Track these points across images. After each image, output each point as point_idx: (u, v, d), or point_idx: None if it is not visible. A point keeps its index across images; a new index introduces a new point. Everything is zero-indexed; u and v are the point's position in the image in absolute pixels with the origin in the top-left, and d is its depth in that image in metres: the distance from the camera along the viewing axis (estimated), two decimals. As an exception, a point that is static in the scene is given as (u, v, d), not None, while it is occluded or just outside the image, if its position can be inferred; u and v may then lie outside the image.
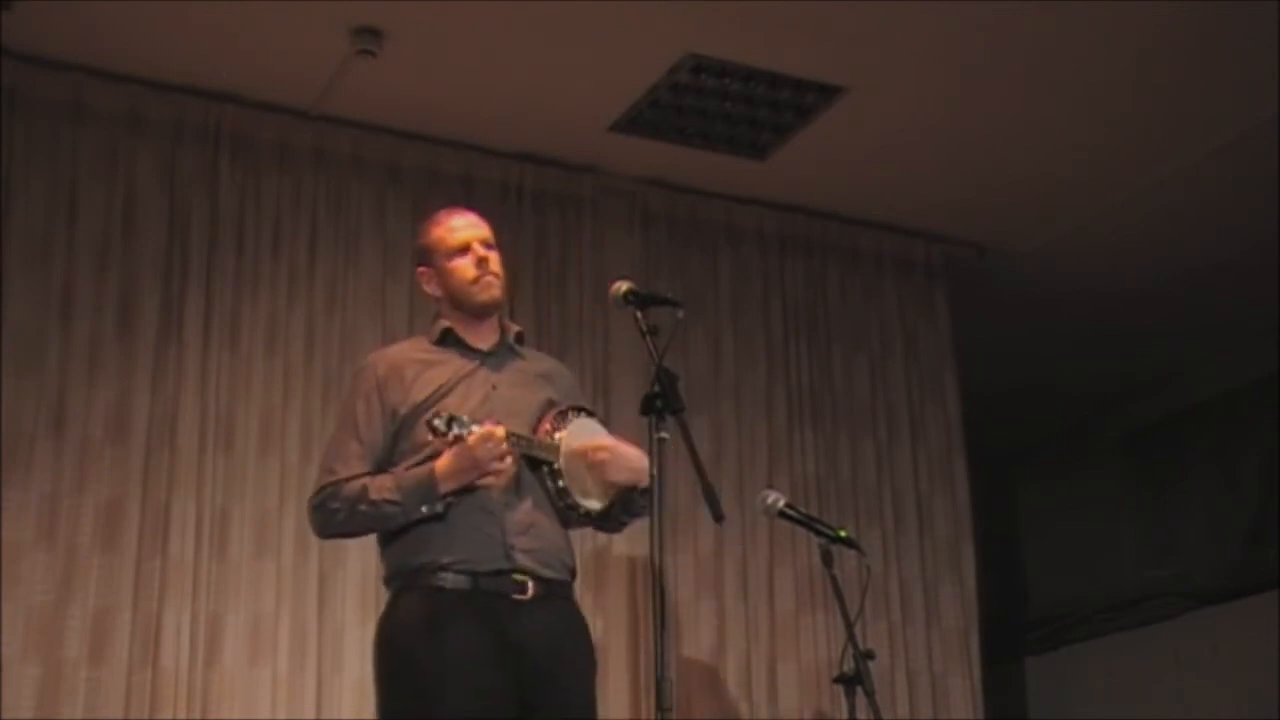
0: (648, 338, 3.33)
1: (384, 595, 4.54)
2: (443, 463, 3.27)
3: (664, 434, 3.22)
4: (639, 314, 3.38)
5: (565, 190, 5.25)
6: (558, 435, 3.42)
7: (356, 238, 4.93)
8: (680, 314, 3.40)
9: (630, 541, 4.47)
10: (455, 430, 3.20)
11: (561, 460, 3.39)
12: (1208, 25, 4.50)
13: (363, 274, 4.91)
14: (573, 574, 3.46)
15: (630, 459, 3.35)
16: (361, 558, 4.61)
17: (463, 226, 3.55)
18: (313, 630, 4.51)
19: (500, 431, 3.24)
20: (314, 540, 4.55)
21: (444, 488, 3.27)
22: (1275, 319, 6.13)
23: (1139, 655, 6.81)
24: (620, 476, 3.37)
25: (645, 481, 3.31)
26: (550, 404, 3.49)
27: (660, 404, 3.23)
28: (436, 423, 3.20)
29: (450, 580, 3.28)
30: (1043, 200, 5.55)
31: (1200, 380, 6.81)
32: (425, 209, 5.00)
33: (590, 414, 3.51)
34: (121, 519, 4.39)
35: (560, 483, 3.39)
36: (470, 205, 5.02)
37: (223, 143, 4.78)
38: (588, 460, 3.38)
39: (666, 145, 5.16)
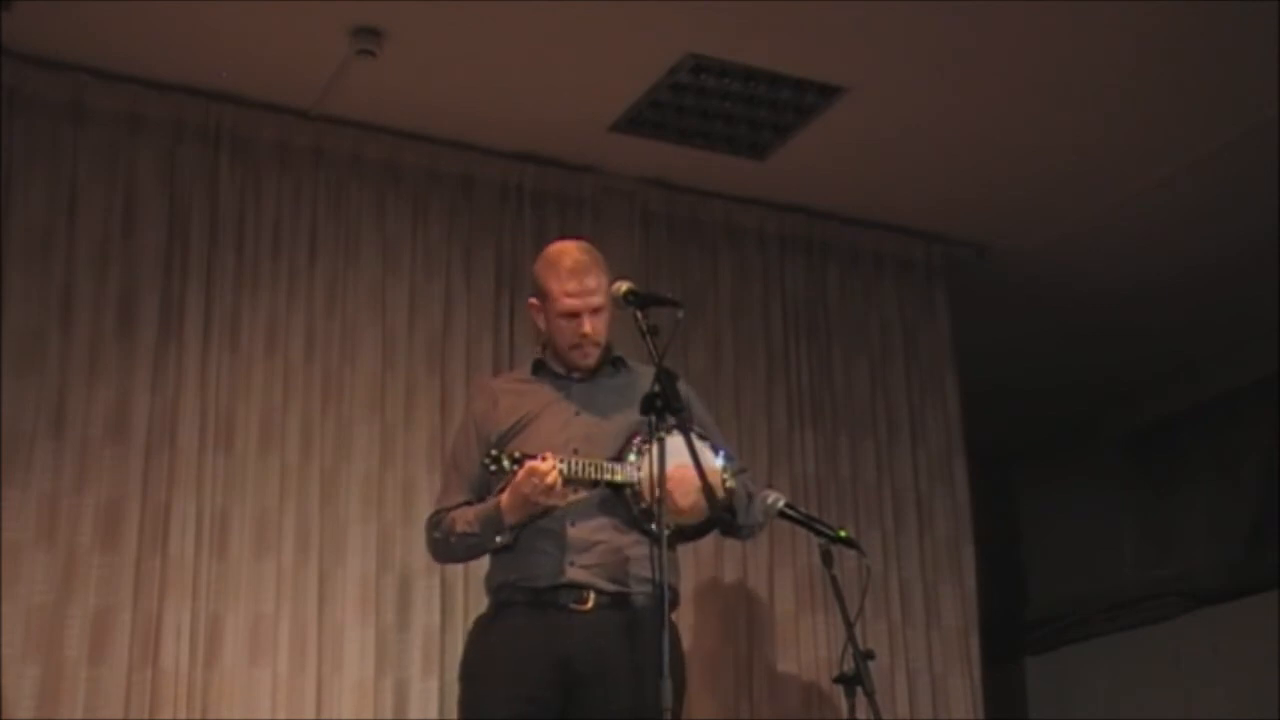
0: (648, 338, 3.36)
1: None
2: (505, 497, 3.44)
3: (664, 433, 3.25)
4: (639, 314, 3.41)
5: (565, 190, 5.25)
6: (643, 458, 3.46)
7: (356, 238, 4.93)
8: (680, 314, 3.44)
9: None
10: (506, 466, 3.38)
11: (642, 481, 3.44)
12: (1208, 25, 4.50)
13: (363, 274, 4.90)
14: (657, 588, 3.33)
15: (690, 483, 3.35)
16: (361, 558, 4.62)
17: (576, 294, 3.57)
18: (313, 630, 4.51)
19: (544, 466, 3.35)
20: (314, 540, 4.59)
21: (508, 520, 3.45)
22: (1275, 319, 6.12)
23: (1139, 655, 6.81)
24: (688, 500, 3.40)
25: (720, 493, 3.44)
26: (644, 426, 3.46)
27: (660, 404, 3.25)
28: (485, 461, 3.42)
29: (516, 596, 3.49)
30: (1043, 200, 5.55)
31: (1200, 380, 6.80)
32: (425, 209, 5.04)
33: (685, 430, 3.38)
34: (121, 519, 4.39)
35: (643, 504, 3.45)
36: (470, 205, 5.09)
37: (223, 143, 4.78)
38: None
39: (666, 145, 5.16)
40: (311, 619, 4.52)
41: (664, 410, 3.29)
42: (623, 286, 3.48)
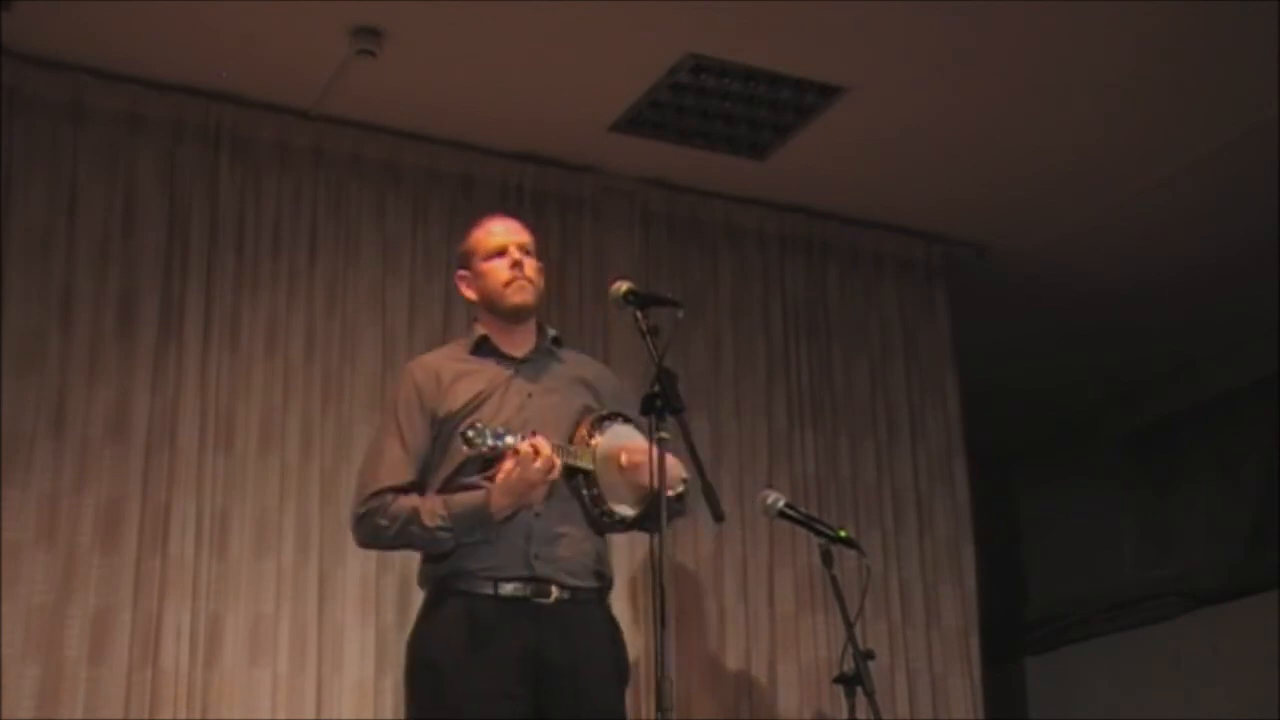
0: (648, 338, 3.35)
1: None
2: (496, 493, 3.31)
3: (664, 434, 3.24)
4: (639, 314, 3.40)
5: (565, 190, 5.25)
6: (593, 442, 3.44)
7: (356, 238, 4.93)
8: (680, 314, 3.43)
9: (631, 542, 4.47)
10: (490, 442, 3.24)
11: (596, 467, 3.41)
12: (1208, 25, 4.50)
13: (363, 274, 4.91)
14: (606, 581, 3.49)
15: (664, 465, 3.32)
16: (361, 558, 4.61)
17: (501, 232, 3.63)
18: (313, 630, 4.51)
19: (547, 447, 3.28)
20: (314, 540, 4.58)
21: (498, 517, 3.33)
22: (1275, 319, 6.12)
23: (1139, 655, 6.81)
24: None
25: (679, 488, 3.36)
26: (587, 410, 3.51)
27: (660, 404, 3.24)
28: (470, 434, 3.24)
29: (475, 587, 3.36)
30: (1043, 200, 5.55)
31: (1200, 380, 6.81)
32: (425, 209, 5.05)
33: (628, 420, 3.47)
34: (121, 519, 4.39)
35: (594, 490, 3.42)
36: (470, 205, 5.09)
37: (223, 143, 4.78)
38: (619, 463, 3.38)
39: (666, 145, 5.16)
40: (311, 619, 4.52)
41: (664, 410, 3.28)
42: (623, 286, 3.47)
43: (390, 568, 4.64)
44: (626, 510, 3.44)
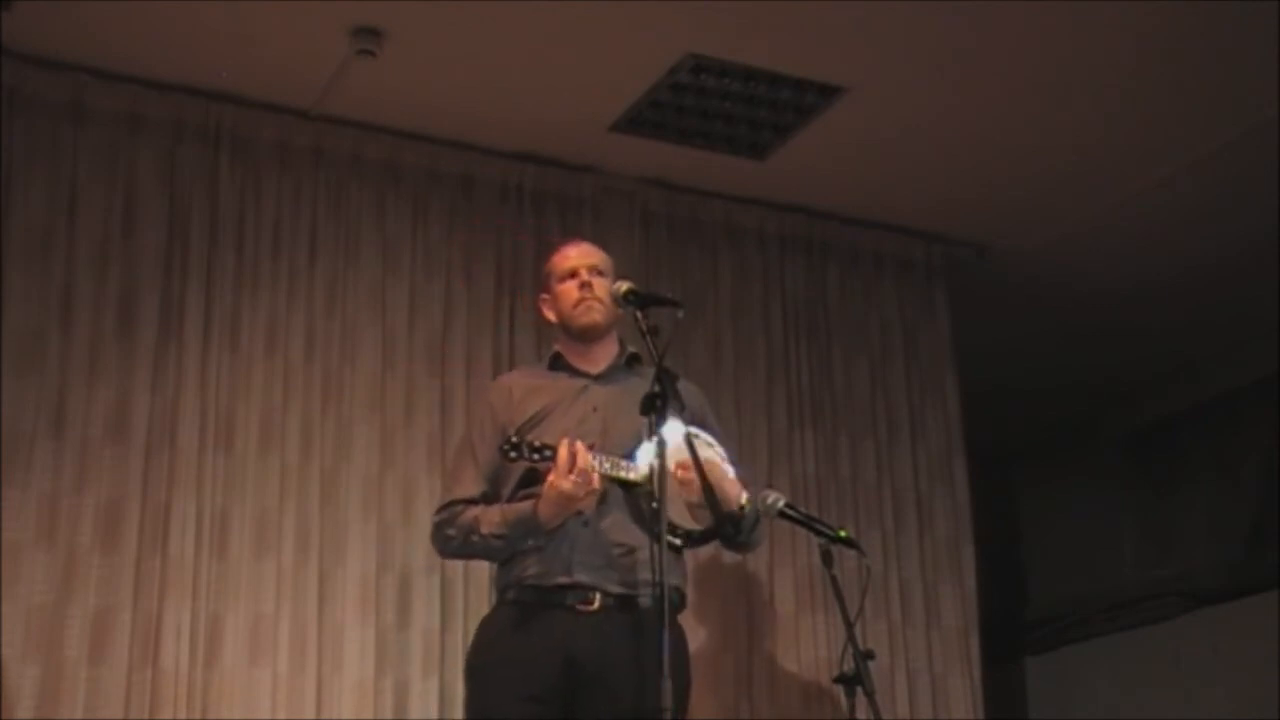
0: (648, 338, 3.37)
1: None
2: (542, 503, 3.40)
3: (663, 434, 3.24)
4: (639, 314, 3.42)
5: (565, 190, 5.25)
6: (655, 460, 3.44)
7: (356, 238, 4.93)
8: (680, 314, 3.44)
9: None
10: (527, 455, 3.33)
11: (655, 484, 3.42)
12: (1208, 25, 4.50)
13: (362, 274, 4.91)
14: (659, 589, 3.36)
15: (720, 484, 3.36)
16: (361, 558, 4.62)
17: (574, 255, 3.72)
18: (313, 630, 4.51)
19: (585, 459, 3.32)
20: (314, 540, 4.59)
21: (547, 525, 3.42)
22: (1275, 319, 6.12)
23: (1139, 655, 6.81)
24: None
25: (734, 505, 3.37)
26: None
27: (660, 404, 3.25)
28: (506, 447, 3.36)
29: (523, 595, 3.48)
30: (1043, 200, 5.55)
31: (1200, 380, 6.81)
32: (425, 209, 5.05)
33: (697, 435, 3.46)
34: (121, 519, 4.39)
35: (654, 505, 3.41)
36: (470, 205, 5.10)
37: (223, 143, 4.78)
38: (675, 479, 3.40)
39: (666, 145, 5.16)
40: (311, 619, 4.52)
41: (664, 410, 3.29)
42: (623, 286, 3.48)
43: (390, 568, 4.64)
44: (690, 525, 3.45)
